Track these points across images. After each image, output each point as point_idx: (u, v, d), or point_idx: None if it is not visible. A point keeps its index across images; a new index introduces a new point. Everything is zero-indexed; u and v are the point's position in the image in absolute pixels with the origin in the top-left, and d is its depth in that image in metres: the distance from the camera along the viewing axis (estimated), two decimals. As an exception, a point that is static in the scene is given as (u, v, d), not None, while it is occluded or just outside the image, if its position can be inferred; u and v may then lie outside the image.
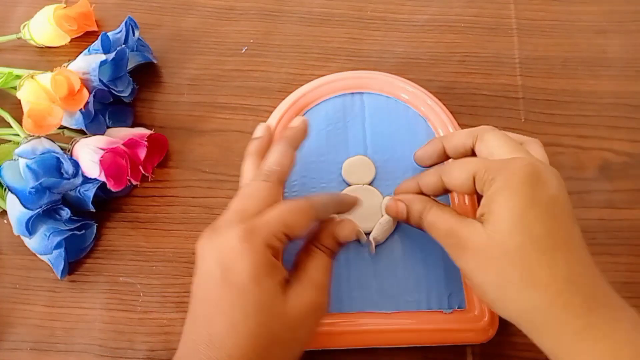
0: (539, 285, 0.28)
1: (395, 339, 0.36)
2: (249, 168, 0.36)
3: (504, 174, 0.29)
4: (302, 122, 0.37)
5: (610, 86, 0.47)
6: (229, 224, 0.30)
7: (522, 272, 0.28)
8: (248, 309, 0.28)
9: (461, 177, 0.32)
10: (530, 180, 0.29)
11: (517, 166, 0.30)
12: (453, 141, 0.35)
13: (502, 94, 0.47)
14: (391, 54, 0.48)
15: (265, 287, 0.29)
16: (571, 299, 0.27)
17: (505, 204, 0.29)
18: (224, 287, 0.29)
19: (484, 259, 0.29)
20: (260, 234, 0.30)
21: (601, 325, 0.27)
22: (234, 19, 0.50)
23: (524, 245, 0.28)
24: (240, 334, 0.28)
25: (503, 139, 0.32)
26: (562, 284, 0.28)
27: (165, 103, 0.46)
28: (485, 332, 0.36)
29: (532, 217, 0.28)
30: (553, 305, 0.27)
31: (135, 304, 0.39)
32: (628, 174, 0.44)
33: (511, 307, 0.29)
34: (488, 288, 0.30)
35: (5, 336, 0.38)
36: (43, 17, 0.46)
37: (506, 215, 0.29)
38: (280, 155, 0.34)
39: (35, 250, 0.39)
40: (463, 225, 0.31)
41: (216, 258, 0.29)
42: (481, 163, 0.31)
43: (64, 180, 0.39)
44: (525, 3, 0.51)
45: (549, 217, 0.29)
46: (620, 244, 0.41)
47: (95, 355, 0.38)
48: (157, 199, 0.42)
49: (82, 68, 0.41)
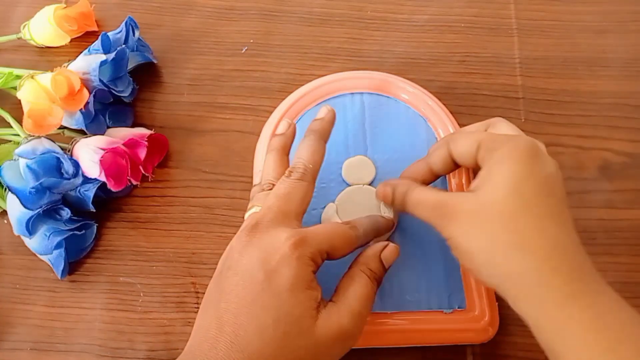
0: (529, 248, 0.28)
1: (396, 339, 0.36)
2: (275, 164, 0.35)
3: (507, 145, 0.30)
4: (329, 112, 0.36)
5: (610, 86, 0.47)
6: (273, 224, 0.30)
7: (513, 234, 0.28)
8: (279, 316, 0.28)
9: (466, 143, 0.32)
10: (531, 154, 0.30)
11: (521, 141, 0.30)
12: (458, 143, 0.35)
13: (502, 94, 0.47)
14: (391, 54, 0.48)
15: (300, 299, 0.28)
16: (559, 266, 0.28)
17: (504, 171, 0.29)
18: (262, 290, 0.28)
19: (475, 222, 0.29)
20: (310, 246, 0.29)
21: (587, 294, 0.27)
22: (234, 19, 0.50)
23: (517, 209, 0.29)
24: (265, 341, 0.27)
25: (515, 129, 0.33)
26: (551, 250, 0.28)
27: (166, 103, 0.46)
28: (486, 331, 0.36)
29: (528, 187, 0.29)
30: (540, 270, 0.28)
31: (136, 304, 0.39)
32: (628, 174, 0.44)
33: (498, 272, 0.29)
34: (477, 253, 0.30)
35: (5, 336, 0.38)
36: (43, 17, 0.46)
37: (504, 181, 0.29)
38: (312, 151, 0.34)
39: (35, 250, 0.39)
40: (451, 196, 0.31)
41: (262, 259, 0.29)
42: (487, 134, 0.32)
43: (64, 180, 0.39)
44: (525, 3, 0.51)
45: (544, 190, 0.29)
46: (620, 244, 0.41)
47: (95, 355, 0.38)
48: (158, 199, 0.43)
49: (82, 68, 0.41)
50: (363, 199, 0.39)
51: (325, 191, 0.40)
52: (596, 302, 0.27)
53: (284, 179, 0.33)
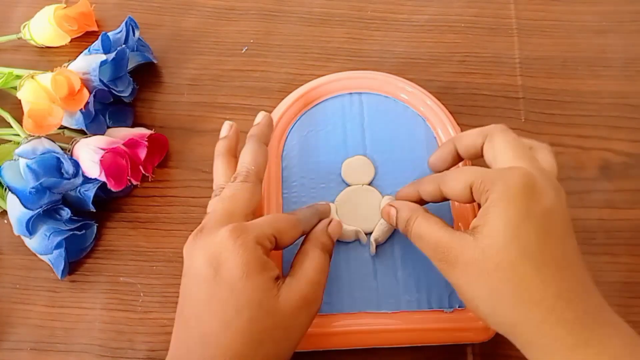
0: (531, 301, 0.27)
1: (396, 338, 0.36)
2: (223, 168, 0.35)
3: (499, 186, 0.29)
4: (266, 117, 0.37)
5: (611, 86, 0.47)
6: (216, 224, 0.30)
7: (514, 287, 0.28)
8: (240, 305, 0.28)
9: (458, 187, 0.31)
10: (525, 191, 0.29)
11: (513, 177, 0.29)
12: (464, 141, 0.35)
13: (502, 94, 0.47)
14: (391, 54, 0.48)
15: (256, 283, 0.29)
16: (563, 315, 0.27)
17: (499, 216, 0.28)
18: (215, 285, 0.29)
19: (476, 273, 0.29)
20: (251, 231, 0.30)
21: (593, 342, 0.27)
22: (234, 19, 0.50)
23: (517, 260, 0.28)
24: (233, 332, 0.28)
25: (511, 143, 0.32)
26: (555, 300, 0.27)
27: (166, 103, 0.46)
28: (486, 330, 0.36)
29: (525, 231, 0.28)
30: (545, 322, 0.27)
31: (136, 304, 0.39)
32: (628, 174, 0.44)
33: (504, 322, 0.29)
34: (480, 303, 0.29)
35: (5, 336, 0.38)
36: (43, 17, 0.46)
37: (500, 228, 0.28)
38: (253, 153, 0.34)
39: (35, 250, 0.39)
40: (452, 238, 0.30)
41: (206, 257, 0.29)
42: (477, 173, 0.31)
43: (64, 180, 0.39)
44: (525, 3, 0.51)
45: (542, 232, 0.28)
46: (621, 244, 0.41)
47: (95, 355, 0.38)
48: (158, 199, 0.43)
49: (83, 68, 0.41)
50: (362, 199, 0.39)
51: (324, 191, 0.40)
52: (604, 351, 0.27)
53: (229, 183, 0.33)
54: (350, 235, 0.38)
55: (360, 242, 0.38)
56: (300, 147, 0.42)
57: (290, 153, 0.41)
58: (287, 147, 0.42)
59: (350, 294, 0.37)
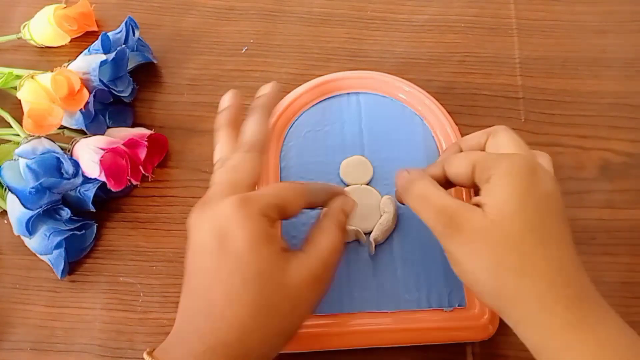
0: (534, 273, 0.28)
1: (396, 338, 0.36)
2: (225, 140, 0.34)
3: (504, 164, 0.30)
4: (273, 85, 0.36)
5: (610, 86, 0.47)
6: (221, 195, 0.30)
7: (520, 258, 0.28)
8: (246, 276, 0.28)
9: (462, 165, 0.32)
10: (528, 172, 0.29)
11: (517, 158, 0.30)
12: (469, 141, 0.35)
13: (502, 94, 0.47)
14: (391, 54, 0.48)
15: (263, 254, 0.29)
16: (563, 291, 0.27)
17: (505, 190, 0.29)
18: (221, 256, 0.28)
19: (482, 242, 0.29)
20: (256, 203, 0.29)
21: (589, 321, 0.27)
22: (234, 19, 0.50)
23: (523, 232, 0.28)
24: (239, 303, 0.28)
25: (515, 139, 0.32)
26: (556, 275, 0.28)
27: (165, 103, 0.46)
28: (486, 329, 0.36)
29: (529, 206, 0.28)
30: (545, 295, 0.27)
31: (135, 304, 0.39)
32: (628, 174, 0.44)
33: (505, 294, 0.29)
34: (482, 274, 0.29)
35: (5, 336, 0.38)
36: (43, 17, 0.46)
37: (507, 199, 0.29)
38: (257, 125, 0.34)
39: (35, 250, 0.39)
40: (460, 205, 0.30)
41: (211, 228, 0.29)
42: (482, 154, 0.32)
43: (64, 180, 0.39)
44: (525, 3, 0.51)
45: (544, 210, 0.29)
46: (620, 244, 0.41)
47: (95, 355, 0.38)
48: (157, 199, 0.43)
49: (82, 68, 0.42)
50: (361, 198, 0.38)
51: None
52: (598, 330, 0.27)
53: (233, 154, 0.33)
54: (349, 235, 0.38)
55: (359, 242, 0.38)
56: (299, 148, 0.42)
57: (289, 153, 0.41)
58: (286, 147, 0.42)
59: (349, 294, 0.37)
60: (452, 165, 0.33)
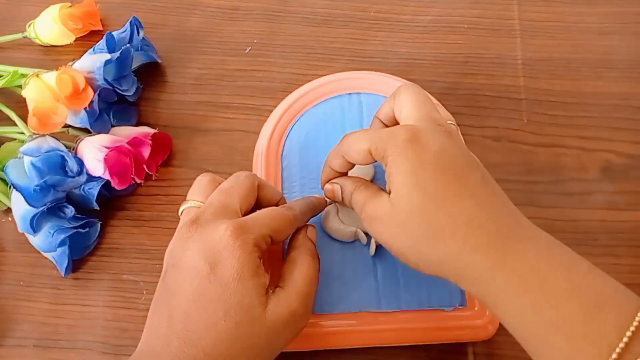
0: (445, 235, 0.28)
1: (397, 337, 0.36)
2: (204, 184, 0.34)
3: (390, 148, 0.30)
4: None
5: (613, 88, 0.47)
6: (214, 217, 0.30)
7: (427, 228, 0.29)
8: (229, 307, 0.28)
9: (360, 156, 0.32)
10: (411, 145, 0.30)
11: (399, 136, 0.30)
12: (382, 110, 0.35)
13: (504, 95, 0.47)
14: (394, 55, 0.48)
15: (248, 287, 0.29)
16: (477, 241, 0.28)
17: (397, 172, 0.30)
18: (208, 283, 0.28)
19: (393, 225, 0.30)
20: (251, 233, 0.30)
21: (509, 259, 0.27)
22: (238, 19, 0.50)
23: (422, 202, 0.29)
24: (217, 333, 0.28)
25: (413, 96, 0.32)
26: (466, 228, 0.28)
27: (170, 102, 0.46)
28: (486, 329, 0.36)
29: (422, 177, 0.29)
30: (463, 251, 0.28)
31: (139, 302, 0.39)
32: (630, 176, 0.44)
33: (431, 262, 0.30)
34: (406, 251, 0.30)
35: (9, 333, 0.39)
36: (48, 16, 0.47)
37: (401, 179, 0.30)
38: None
39: (39, 247, 0.40)
40: (373, 198, 0.31)
41: (204, 251, 0.29)
42: (371, 140, 0.32)
43: (68, 178, 0.39)
44: (528, 4, 0.51)
45: (438, 172, 0.29)
46: (622, 246, 0.41)
47: (98, 352, 0.38)
48: (161, 198, 0.43)
49: (87, 67, 0.42)
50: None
51: (325, 191, 0.40)
52: (519, 265, 0.27)
53: (230, 178, 0.33)
54: (350, 235, 0.38)
55: (360, 242, 0.38)
56: (300, 147, 0.42)
57: (290, 153, 0.42)
58: (287, 147, 0.42)
59: (350, 294, 0.37)
60: (351, 156, 0.33)
